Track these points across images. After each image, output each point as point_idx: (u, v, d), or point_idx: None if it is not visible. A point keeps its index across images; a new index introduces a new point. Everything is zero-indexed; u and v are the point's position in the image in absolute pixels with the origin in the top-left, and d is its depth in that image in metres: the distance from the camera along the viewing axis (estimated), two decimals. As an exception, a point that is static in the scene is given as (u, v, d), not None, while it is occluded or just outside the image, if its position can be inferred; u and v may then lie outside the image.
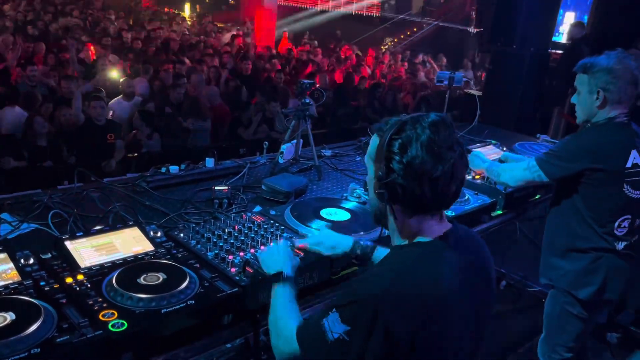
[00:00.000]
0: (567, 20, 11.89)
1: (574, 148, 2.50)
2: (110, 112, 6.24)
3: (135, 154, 5.90)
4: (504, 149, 3.88)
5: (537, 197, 3.33)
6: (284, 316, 1.59)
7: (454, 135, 1.36)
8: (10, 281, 1.67)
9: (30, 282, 1.67)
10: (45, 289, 1.65)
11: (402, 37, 21.04)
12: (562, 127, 6.88)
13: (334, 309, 1.36)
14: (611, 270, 2.54)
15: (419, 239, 1.44)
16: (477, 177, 3.17)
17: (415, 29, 21.07)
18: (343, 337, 1.32)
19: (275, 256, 1.77)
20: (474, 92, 4.61)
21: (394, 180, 1.35)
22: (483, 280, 1.50)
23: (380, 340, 1.29)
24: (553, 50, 7.66)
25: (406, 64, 13.48)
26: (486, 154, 3.66)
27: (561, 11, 9.43)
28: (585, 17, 9.30)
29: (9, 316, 1.47)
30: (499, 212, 2.97)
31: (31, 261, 1.77)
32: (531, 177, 2.59)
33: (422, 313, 1.31)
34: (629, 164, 2.43)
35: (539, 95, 7.22)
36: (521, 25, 6.74)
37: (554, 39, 8.19)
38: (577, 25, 7.65)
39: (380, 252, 1.84)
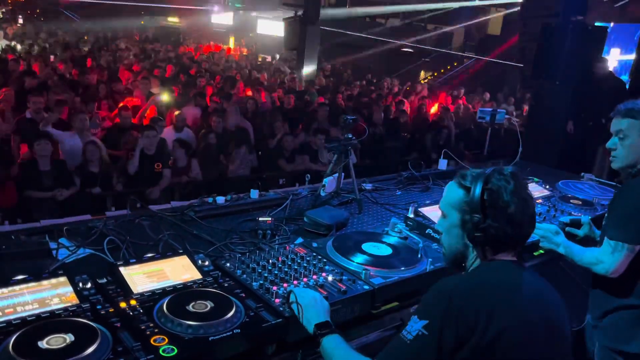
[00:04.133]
0: (613, 56, 11.74)
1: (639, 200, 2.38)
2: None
3: (178, 183, 6.11)
4: (547, 186, 3.85)
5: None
6: None
7: (526, 184, 1.63)
8: (70, 304, 1.77)
9: (88, 305, 1.77)
10: (102, 312, 1.74)
11: (442, 71, 21.13)
12: (607, 166, 6.73)
13: (412, 316, 1.51)
14: None
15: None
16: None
17: (455, 64, 21.13)
18: (422, 332, 1.44)
19: (315, 307, 1.79)
20: (514, 120, 4.59)
21: (489, 224, 1.55)
22: (556, 313, 1.63)
23: (454, 327, 1.42)
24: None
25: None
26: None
27: (606, 47, 9.32)
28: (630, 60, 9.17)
29: (69, 337, 1.56)
30: (542, 251, 2.94)
31: (89, 285, 1.87)
32: (626, 254, 2.36)
33: (494, 305, 1.45)
34: None
35: (582, 132, 7.11)
36: (564, 62, 6.71)
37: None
38: (600, 61, 7.28)
39: None
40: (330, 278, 2.11)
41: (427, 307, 1.50)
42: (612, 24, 11.44)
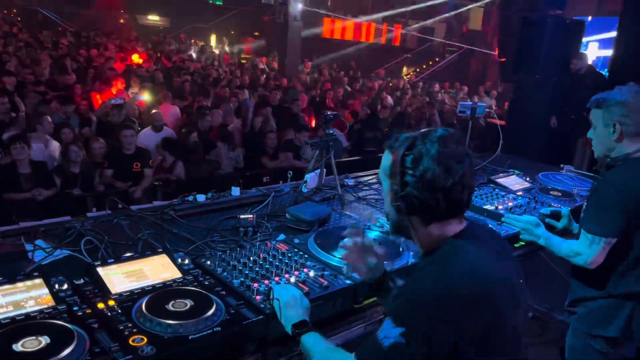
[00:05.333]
0: (592, 50, 11.88)
1: (613, 193, 2.40)
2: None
3: (160, 182, 6.04)
4: (527, 178, 3.88)
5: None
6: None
7: (461, 148, 1.48)
8: (45, 306, 1.73)
9: (64, 307, 1.73)
10: (78, 314, 1.71)
11: (424, 67, 21.24)
12: (587, 158, 6.81)
13: (387, 317, 1.43)
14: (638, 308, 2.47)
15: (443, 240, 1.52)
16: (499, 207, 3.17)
17: (437, 59, 21.25)
18: (399, 341, 1.36)
19: (295, 306, 1.78)
20: (495, 121, 4.62)
21: (409, 192, 1.46)
22: (511, 265, 1.57)
23: (439, 339, 1.34)
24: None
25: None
26: (509, 184, 3.66)
27: (585, 42, 9.42)
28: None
29: (44, 340, 1.53)
30: (522, 242, 2.96)
31: (65, 287, 1.83)
32: (603, 246, 2.42)
33: (471, 305, 1.36)
34: None
35: (563, 125, 7.18)
36: (544, 55, 6.76)
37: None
38: (579, 55, 7.33)
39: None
40: (311, 274, 2.10)
41: (401, 313, 1.41)
42: (590, 18, 11.58)
